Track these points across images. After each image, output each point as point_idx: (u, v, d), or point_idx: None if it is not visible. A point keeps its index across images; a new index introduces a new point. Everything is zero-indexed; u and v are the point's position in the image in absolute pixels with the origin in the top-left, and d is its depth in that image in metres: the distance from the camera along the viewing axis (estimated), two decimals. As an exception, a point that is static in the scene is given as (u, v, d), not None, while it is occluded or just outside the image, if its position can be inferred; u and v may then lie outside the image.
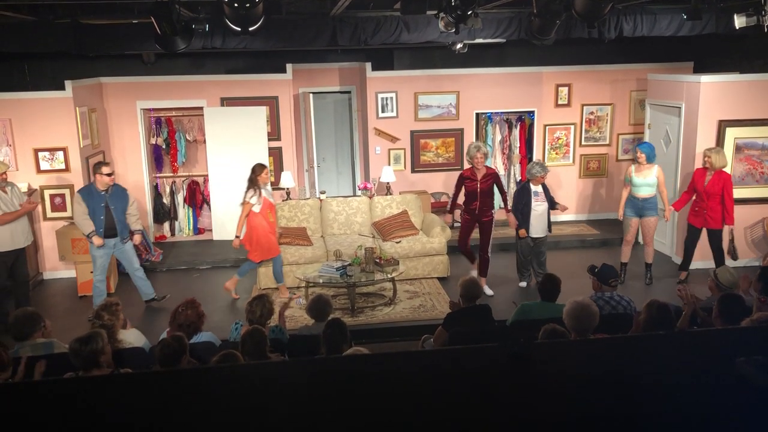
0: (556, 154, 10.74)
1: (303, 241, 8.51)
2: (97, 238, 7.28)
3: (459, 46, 9.08)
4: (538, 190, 7.82)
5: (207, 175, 10.22)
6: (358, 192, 10.18)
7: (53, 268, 9.00)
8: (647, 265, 8.21)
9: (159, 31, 5.59)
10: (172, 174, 10.64)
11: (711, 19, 7.81)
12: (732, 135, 8.42)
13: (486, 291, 7.88)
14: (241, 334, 4.43)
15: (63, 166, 8.74)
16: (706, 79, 8.41)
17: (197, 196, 10.65)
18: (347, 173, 11.86)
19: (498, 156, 10.82)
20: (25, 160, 8.69)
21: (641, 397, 1.96)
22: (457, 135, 10.48)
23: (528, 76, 10.45)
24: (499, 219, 10.43)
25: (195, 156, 10.72)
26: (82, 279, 8.20)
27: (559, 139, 10.71)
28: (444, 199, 10.46)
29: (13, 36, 7.31)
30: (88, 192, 7.32)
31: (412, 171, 10.51)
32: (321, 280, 7.53)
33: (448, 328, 5.15)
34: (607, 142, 10.78)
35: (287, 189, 9.72)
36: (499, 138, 10.77)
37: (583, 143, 10.76)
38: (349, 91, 11.25)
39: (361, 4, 7.29)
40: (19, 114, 8.59)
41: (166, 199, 10.57)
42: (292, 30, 7.62)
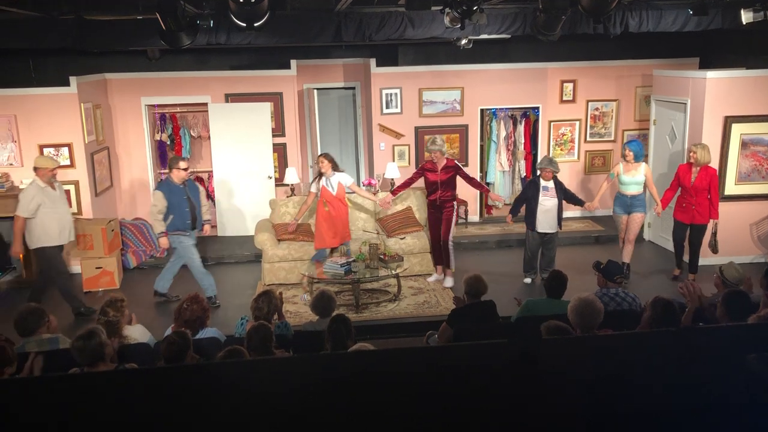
0: (561, 150, 10.71)
1: (308, 237, 8.51)
2: (163, 240, 7.32)
3: (464, 41, 9.04)
4: (549, 185, 7.80)
5: (212, 172, 10.22)
6: (362, 187, 10.17)
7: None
8: (624, 265, 7.94)
9: (164, 27, 5.59)
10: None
11: (717, 14, 7.77)
12: (738, 131, 8.38)
13: (446, 283, 8.08)
14: (246, 330, 4.43)
15: (68, 162, 8.74)
16: (712, 74, 8.37)
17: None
18: (351, 169, 11.85)
19: (503, 152, 10.80)
20: (30, 156, 8.67)
21: (647, 393, 1.95)
22: (462, 131, 10.45)
23: (533, 72, 10.42)
24: (503, 215, 10.43)
25: (199, 152, 10.73)
26: (87, 275, 8.21)
27: (564, 135, 10.68)
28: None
29: (18, 32, 7.31)
30: (169, 187, 7.33)
31: (417, 167, 10.47)
32: (325, 276, 7.52)
33: (452, 325, 5.14)
34: (612, 138, 10.75)
35: (291, 185, 9.72)
36: (503, 134, 10.75)
37: (588, 139, 10.73)
38: (353, 87, 11.23)
39: (365, 0, 7.28)
40: (24, 110, 8.60)
41: (171, 195, 10.57)
42: (297, 26, 7.61)
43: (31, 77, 9.61)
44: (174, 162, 7.38)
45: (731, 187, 8.56)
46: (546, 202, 7.80)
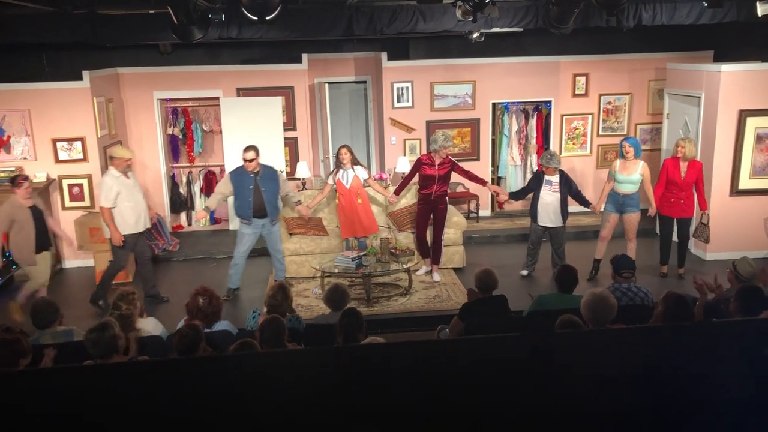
0: (573, 144, 10.66)
1: (319, 232, 8.53)
2: (201, 212, 7.68)
3: (476, 35, 9.01)
4: (553, 179, 7.76)
5: (223, 165, 10.25)
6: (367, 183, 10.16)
7: (72, 257, 9.09)
8: (597, 261, 8.00)
9: (176, 21, 5.60)
10: (188, 164, 10.70)
11: (732, 7, 7.68)
12: (753, 125, 8.31)
13: (434, 277, 8.09)
14: (259, 323, 4.45)
15: (81, 156, 8.80)
16: (727, 68, 8.29)
17: (214, 186, 10.68)
18: (362, 163, 11.83)
19: (515, 146, 10.76)
20: (44, 150, 8.76)
21: (661, 387, 1.94)
22: (474, 125, 10.42)
23: (545, 66, 10.37)
24: (516, 210, 10.42)
25: (211, 146, 10.77)
26: (100, 268, 8.26)
27: (576, 129, 10.63)
28: (460, 189, 10.42)
29: (31, 26, 7.35)
30: (238, 173, 7.53)
31: (428, 161, 10.46)
32: (337, 270, 7.54)
33: (463, 319, 5.14)
34: (625, 132, 10.67)
35: (303, 179, 9.73)
36: (515, 128, 10.71)
37: (600, 133, 10.67)
38: (364, 81, 11.22)
39: (376, -7, 7.27)
40: (37, 104, 8.66)
41: (183, 189, 10.63)
42: (308, 19, 7.61)
43: (44, 72, 9.67)
44: (243, 152, 7.51)
45: (745, 182, 8.49)
46: (547, 196, 7.76)
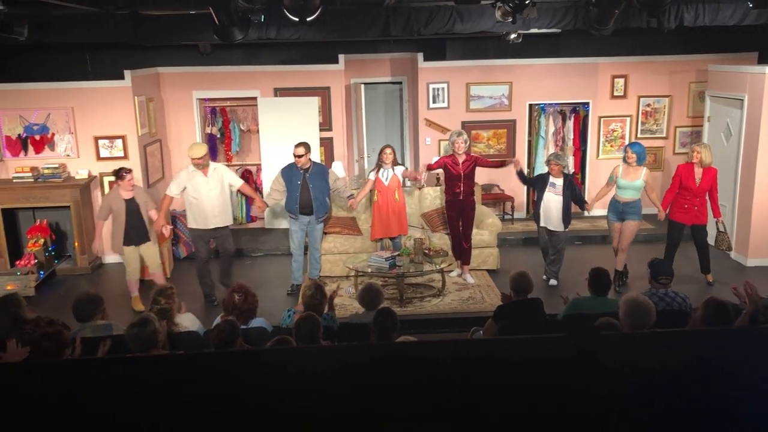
0: (611, 146, 10.53)
1: (353, 231, 8.57)
2: (261, 204, 7.82)
3: (513, 36, 8.97)
4: (557, 182, 7.65)
5: (260, 164, 10.36)
6: (408, 183, 10.18)
7: (111, 252, 9.25)
8: (616, 273, 7.64)
9: (217, 22, 5.68)
10: (226, 163, 10.81)
11: (778, 7, 7.51)
12: (798, 128, 8.11)
13: (467, 279, 8.06)
14: (294, 321, 4.49)
15: (122, 154, 8.98)
16: (772, 70, 8.11)
17: (250, 185, 10.80)
18: (403, 164, 11.85)
19: (551, 148, 10.66)
20: (86, 147, 8.96)
21: (702, 391, 1.92)
22: (510, 126, 10.36)
23: (583, 67, 10.26)
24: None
25: (248, 145, 10.89)
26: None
27: (614, 131, 10.49)
28: (495, 191, 10.38)
29: (76, 27, 7.53)
30: (287, 168, 7.70)
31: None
32: (370, 270, 7.57)
33: (498, 321, 5.12)
34: (664, 135, 10.51)
35: (337, 179, 9.77)
36: (552, 130, 10.62)
37: (638, 136, 10.51)
38: (400, 82, 11.23)
39: (414, -6, 7.28)
40: (80, 102, 8.86)
41: (220, 188, 10.76)
42: (346, 20, 7.65)
43: (88, 71, 9.89)
44: (294, 147, 7.64)
45: (790, 187, 8.29)
46: (550, 199, 7.66)
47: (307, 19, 5.04)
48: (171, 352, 4.16)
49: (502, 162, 8.18)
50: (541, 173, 7.90)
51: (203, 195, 7.34)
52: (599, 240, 9.54)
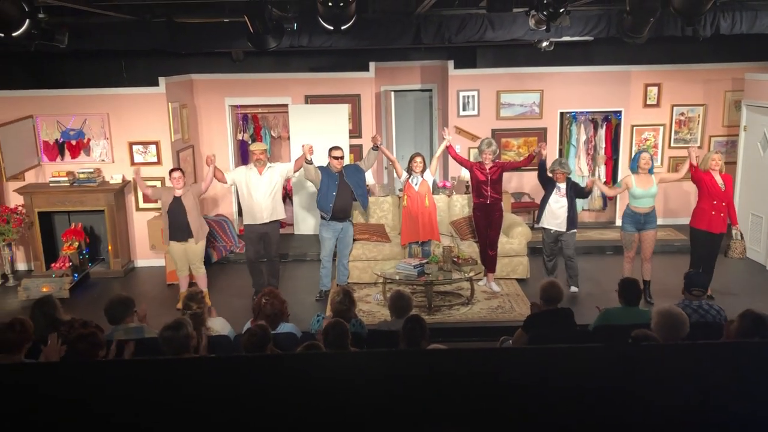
0: (643, 155, 10.38)
1: (381, 238, 8.58)
2: (310, 147, 7.72)
3: (545, 44, 8.92)
4: (561, 186, 7.69)
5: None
6: (437, 190, 10.16)
7: (144, 256, 9.41)
8: (645, 283, 7.41)
9: (251, 30, 5.75)
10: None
11: (818, 15, 7.37)
12: (838, 139, 7.93)
13: (492, 287, 8.04)
14: (323, 326, 4.51)
15: (155, 159, 9.12)
16: (811, 79, 7.95)
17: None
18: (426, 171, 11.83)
19: (582, 156, 10.57)
20: (120, 152, 9.12)
21: (743, 404, 1.88)
22: (540, 134, 10.30)
23: (615, 75, 10.16)
24: (581, 222, 10.20)
25: (279, 152, 10.98)
26: (170, 268, 8.52)
27: (647, 140, 10.36)
28: (525, 199, 10.32)
29: (114, 34, 7.68)
30: (324, 169, 7.81)
31: (492, 170, 10.38)
32: (398, 277, 7.56)
33: (528, 331, 5.08)
34: (698, 144, 10.34)
35: (367, 186, 9.79)
36: (584, 138, 10.52)
37: (672, 145, 10.37)
38: (430, 90, 11.24)
39: (446, 2, 7.28)
40: (115, 108, 9.02)
41: (250, 193, 10.85)
42: (377, 28, 7.68)
43: (123, 78, 10.07)
44: (330, 151, 7.78)
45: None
46: (556, 202, 7.72)
47: (342, 27, 5.07)
48: (201, 355, 4.19)
49: (530, 157, 8.10)
50: (550, 178, 7.86)
51: (255, 192, 7.62)
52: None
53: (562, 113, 10.34)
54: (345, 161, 8.17)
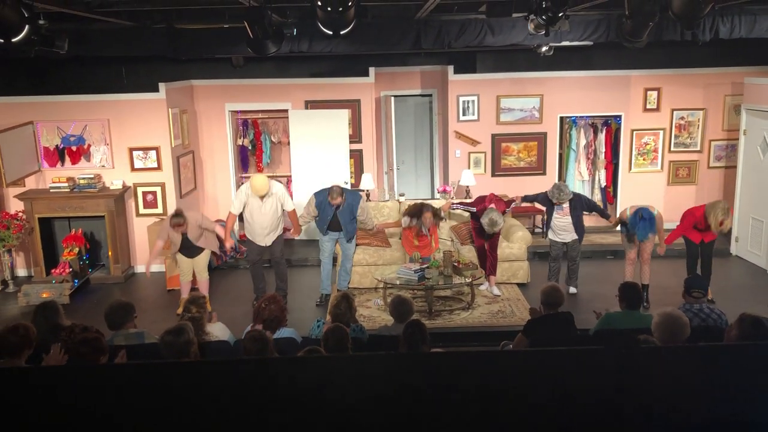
0: (644, 160, 10.40)
1: (382, 243, 8.58)
2: (297, 232, 8.03)
3: (544, 48, 8.93)
4: (563, 205, 7.76)
5: (290, 176, 10.44)
6: (437, 195, 10.16)
7: (144, 262, 9.38)
8: (644, 287, 7.40)
9: (251, 35, 5.75)
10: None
11: (817, 19, 7.37)
12: (838, 142, 7.93)
13: (493, 291, 8.06)
14: (323, 331, 4.50)
15: (155, 165, 9.12)
16: (810, 83, 7.95)
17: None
18: (426, 176, 11.85)
19: (582, 161, 10.57)
20: (121, 158, 9.13)
21: (739, 406, 1.88)
22: (540, 139, 10.31)
23: (615, 80, 10.17)
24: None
25: (279, 157, 10.99)
26: (170, 273, 8.53)
27: (647, 144, 10.36)
28: (525, 204, 10.30)
29: (114, 40, 7.69)
30: (321, 199, 7.87)
31: (493, 175, 10.40)
32: (398, 282, 7.56)
33: (528, 335, 5.07)
34: (698, 149, 10.35)
35: (367, 191, 9.81)
36: (583, 143, 10.53)
37: (672, 149, 10.37)
38: (430, 95, 11.25)
39: (445, 8, 7.29)
40: (116, 114, 9.03)
41: (251, 199, 10.86)
42: (377, 33, 7.69)
43: (123, 83, 10.08)
44: (331, 195, 7.76)
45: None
46: (558, 218, 7.81)
47: (341, 32, 5.08)
48: (198, 359, 4.18)
49: (509, 202, 8.21)
50: (546, 194, 7.87)
51: (256, 217, 7.66)
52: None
53: (562, 118, 10.35)
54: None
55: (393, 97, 10.74)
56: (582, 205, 7.83)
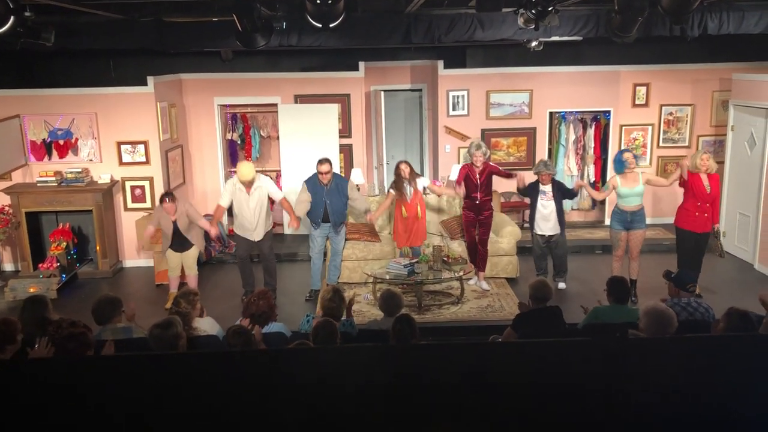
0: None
1: (371, 238, 8.57)
2: (294, 221, 7.79)
3: (534, 43, 8.94)
4: (546, 189, 7.77)
5: (279, 171, 10.41)
6: (427, 190, 10.16)
7: (133, 257, 9.36)
8: (632, 282, 7.39)
9: (240, 29, 5.73)
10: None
11: (805, 15, 7.42)
12: (824, 138, 7.99)
13: (482, 285, 8.06)
14: (313, 326, 4.50)
15: (143, 159, 9.07)
16: (797, 79, 8.01)
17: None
18: (416, 171, 11.83)
19: (572, 156, 10.61)
20: (109, 152, 9.06)
21: (727, 397, 1.89)
22: (530, 134, 10.33)
23: (604, 75, 10.20)
24: (570, 221, 10.24)
25: (268, 151, 10.95)
26: (159, 268, 8.49)
27: (635, 140, 10.41)
28: (514, 199, 10.34)
29: (102, 33, 7.61)
30: (312, 182, 7.85)
31: (482, 170, 10.39)
32: (388, 277, 7.56)
33: (517, 329, 5.08)
34: (686, 144, 10.41)
35: (357, 185, 9.79)
36: (573, 138, 10.56)
37: (660, 144, 10.43)
38: (420, 89, 11.24)
39: (435, 2, 7.28)
40: (104, 108, 8.97)
41: (240, 193, 10.82)
42: (367, 27, 7.67)
43: (111, 77, 10.01)
44: (318, 164, 7.76)
45: (815, 197, 8.16)
46: (543, 207, 7.78)
47: (330, 25, 5.07)
48: (185, 352, 4.17)
49: (509, 174, 8.16)
50: (533, 182, 7.89)
51: (244, 211, 7.63)
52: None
53: (551, 113, 10.37)
54: (337, 163, 8.19)
55: (383, 92, 10.73)
56: (560, 187, 7.87)
